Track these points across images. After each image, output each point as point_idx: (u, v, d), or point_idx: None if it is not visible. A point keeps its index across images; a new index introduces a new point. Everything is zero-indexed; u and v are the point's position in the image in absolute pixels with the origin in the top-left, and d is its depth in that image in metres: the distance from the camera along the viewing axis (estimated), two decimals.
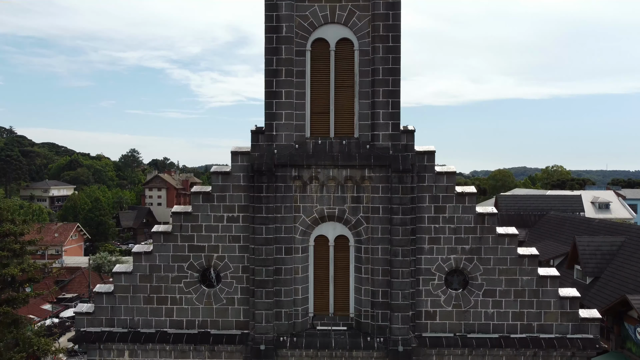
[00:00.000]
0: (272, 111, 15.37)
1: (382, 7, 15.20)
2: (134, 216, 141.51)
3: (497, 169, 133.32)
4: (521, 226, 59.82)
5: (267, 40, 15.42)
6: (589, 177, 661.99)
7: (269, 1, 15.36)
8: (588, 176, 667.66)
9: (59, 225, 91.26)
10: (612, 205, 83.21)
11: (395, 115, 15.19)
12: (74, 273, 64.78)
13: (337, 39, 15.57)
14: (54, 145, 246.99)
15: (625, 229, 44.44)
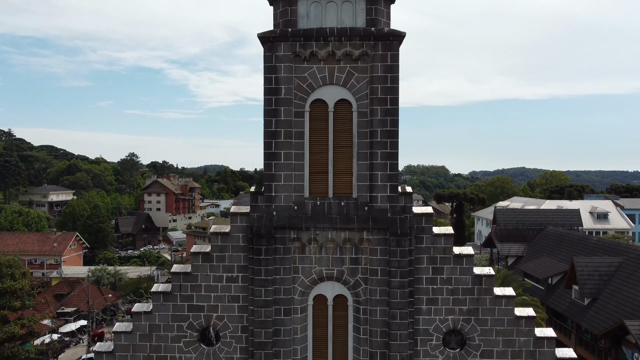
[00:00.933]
0: (271, 172, 15.48)
1: (381, 69, 15.32)
2: (132, 222, 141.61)
3: (497, 176, 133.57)
4: (519, 241, 60.15)
5: (266, 102, 15.53)
6: (587, 177, 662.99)
7: (268, 63, 15.47)
8: (587, 176, 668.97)
9: (58, 235, 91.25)
10: (610, 215, 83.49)
11: (393, 177, 15.31)
12: (73, 287, 64.72)
13: (336, 100, 15.68)
14: (52, 148, 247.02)
15: (623, 249, 44.62)
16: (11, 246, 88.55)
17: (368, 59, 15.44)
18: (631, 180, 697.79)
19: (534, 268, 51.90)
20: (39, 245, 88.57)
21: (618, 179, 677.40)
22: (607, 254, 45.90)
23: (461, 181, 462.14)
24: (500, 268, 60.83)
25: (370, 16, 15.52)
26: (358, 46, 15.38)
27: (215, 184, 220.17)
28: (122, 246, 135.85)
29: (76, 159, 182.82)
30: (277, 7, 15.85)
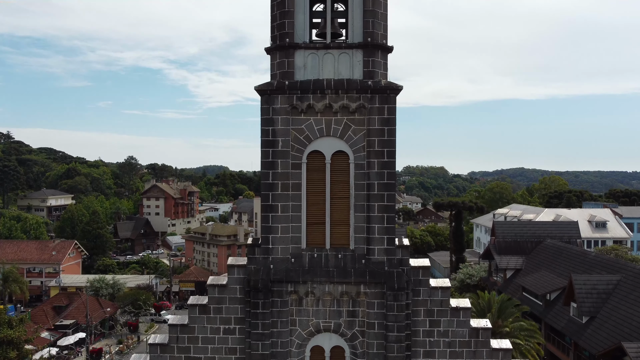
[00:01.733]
0: (268, 225, 15.49)
1: (377, 122, 15.32)
2: (131, 227, 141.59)
3: (495, 182, 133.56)
4: (518, 253, 60.22)
5: (263, 154, 15.53)
6: (586, 177, 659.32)
7: (265, 116, 15.47)
8: (586, 177, 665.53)
9: (57, 243, 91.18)
10: (609, 224, 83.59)
11: (391, 230, 15.32)
12: (71, 299, 64.68)
13: (333, 151, 15.68)
14: (51, 151, 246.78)
15: (621, 267, 44.68)
16: (10, 254, 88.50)
17: (365, 111, 15.45)
18: (630, 180, 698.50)
19: (533, 283, 51.95)
20: (37, 254, 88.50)
21: (617, 179, 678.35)
22: (605, 270, 45.98)
23: (460, 182, 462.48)
24: (499, 280, 60.98)
25: (367, 68, 15.52)
26: (355, 99, 15.38)
27: (214, 186, 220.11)
28: (121, 251, 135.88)
29: (75, 163, 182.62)
30: (275, 57, 15.85)
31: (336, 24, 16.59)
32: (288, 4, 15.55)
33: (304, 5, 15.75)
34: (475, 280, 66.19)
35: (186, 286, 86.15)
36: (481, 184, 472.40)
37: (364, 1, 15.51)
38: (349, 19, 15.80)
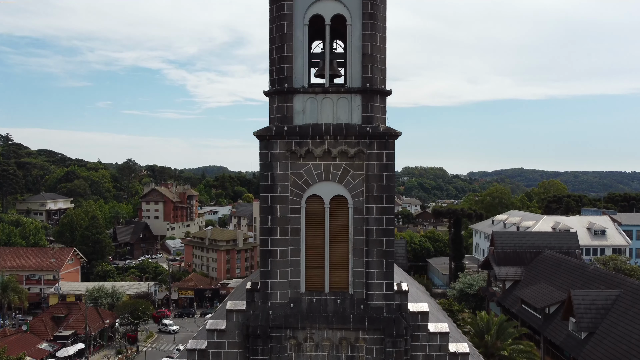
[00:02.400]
0: (267, 269, 15.49)
1: (376, 168, 15.34)
2: (130, 231, 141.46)
3: (494, 186, 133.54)
4: (517, 264, 60.29)
5: (262, 199, 15.55)
6: (585, 178, 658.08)
7: (264, 161, 15.48)
8: (585, 177, 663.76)
9: (56, 250, 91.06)
10: (607, 232, 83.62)
11: (389, 275, 15.34)
12: (70, 309, 64.64)
13: (332, 195, 15.70)
14: (50, 153, 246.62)
15: (620, 282, 44.71)
16: (9, 261, 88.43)
17: (364, 156, 15.47)
18: (629, 180, 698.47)
19: (532, 295, 51.99)
20: (36, 261, 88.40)
21: (616, 179, 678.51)
22: (604, 284, 46.04)
23: (459, 183, 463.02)
24: (498, 290, 61.01)
25: (366, 113, 15.54)
26: (354, 144, 15.40)
27: (213, 189, 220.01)
28: (120, 255, 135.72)
29: (74, 166, 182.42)
30: (273, 101, 15.86)
31: (335, 65, 16.66)
32: (287, 49, 15.56)
33: (303, 50, 15.76)
34: (475, 290, 66.26)
35: (185, 294, 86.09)
36: (480, 185, 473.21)
37: (362, 46, 15.53)
38: (347, 63, 15.83)
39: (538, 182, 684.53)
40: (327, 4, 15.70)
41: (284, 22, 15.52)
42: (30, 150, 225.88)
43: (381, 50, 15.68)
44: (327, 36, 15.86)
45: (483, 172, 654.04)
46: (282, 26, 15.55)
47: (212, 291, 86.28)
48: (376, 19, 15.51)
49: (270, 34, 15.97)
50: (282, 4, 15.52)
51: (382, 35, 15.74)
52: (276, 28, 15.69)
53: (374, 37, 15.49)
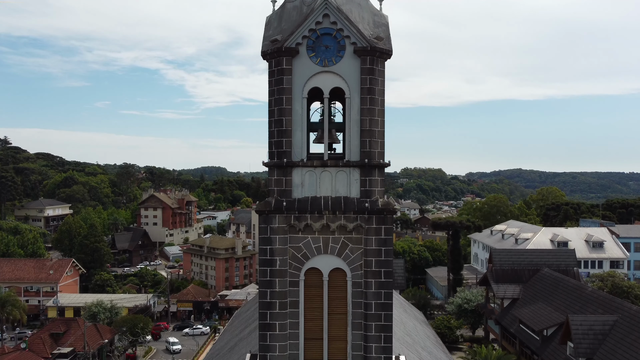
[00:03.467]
0: (266, 343, 15.54)
1: (375, 243, 15.40)
2: (129, 238, 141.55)
3: (493, 195, 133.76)
4: (515, 281, 60.43)
5: (261, 273, 15.59)
6: (584, 179, 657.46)
7: (263, 235, 15.51)
8: (583, 178, 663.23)
9: (54, 262, 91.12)
10: (605, 244, 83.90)
11: (387, 349, 15.40)
12: (69, 325, 64.65)
13: (330, 268, 15.75)
14: (48, 156, 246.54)
15: (618, 306, 44.80)
16: (7, 273, 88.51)
17: (362, 230, 15.53)
18: (627, 181, 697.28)
19: (530, 316, 52.13)
20: (35, 273, 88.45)
21: (614, 180, 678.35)
22: (601, 308, 46.16)
23: (458, 184, 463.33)
24: (496, 308, 61.15)
25: (364, 187, 15.60)
26: (352, 219, 15.46)
27: (212, 192, 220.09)
28: (119, 263, 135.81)
29: (73, 171, 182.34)
30: (272, 173, 15.91)
31: (334, 133, 16.72)
32: (286, 123, 15.63)
33: (302, 123, 15.82)
34: (473, 306, 66.41)
35: (184, 306, 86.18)
36: (479, 186, 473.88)
37: (361, 121, 15.60)
38: (346, 135, 15.89)
39: (536, 182, 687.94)
40: (326, 77, 15.76)
41: (283, 96, 15.57)
42: (28, 154, 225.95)
43: (379, 123, 15.74)
44: (326, 110, 15.94)
45: (482, 172, 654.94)
46: (280, 100, 15.61)
47: (211, 303, 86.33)
48: (374, 93, 15.57)
49: (269, 106, 16.02)
50: (281, 78, 15.57)
51: (381, 108, 15.80)
52: (275, 101, 15.74)
53: (372, 111, 15.55)
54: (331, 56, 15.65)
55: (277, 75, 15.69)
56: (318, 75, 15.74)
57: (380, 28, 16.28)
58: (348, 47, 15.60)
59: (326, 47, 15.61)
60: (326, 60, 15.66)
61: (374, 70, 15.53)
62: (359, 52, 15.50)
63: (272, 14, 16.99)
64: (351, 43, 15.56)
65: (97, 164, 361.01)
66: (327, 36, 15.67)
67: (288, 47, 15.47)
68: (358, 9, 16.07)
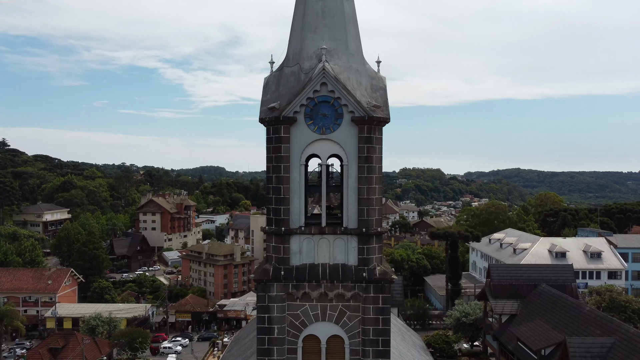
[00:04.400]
0: None
1: (372, 312, 15.46)
2: (127, 243, 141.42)
3: (491, 201, 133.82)
4: (513, 297, 60.53)
5: (259, 341, 15.62)
6: (582, 178, 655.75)
7: (261, 303, 15.55)
8: (582, 177, 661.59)
9: (52, 272, 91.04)
10: (604, 254, 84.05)
11: None
12: (67, 339, 64.60)
13: (328, 335, 15.81)
14: (47, 158, 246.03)
15: (615, 327, 44.90)
16: (6, 283, 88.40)
17: (360, 298, 15.56)
18: (625, 180, 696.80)
19: (528, 334, 52.25)
20: (33, 283, 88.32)
21: (612, 179, 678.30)
22: (599, 329, 46.26)
23: (456, 185, 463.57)
24: (495, 323, 61.30)
25: (362, 255, 15.63)
26: (350, 288, 15.51)
27: (210, 195, 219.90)
28: (118, 268, 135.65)
29: (71, 175, 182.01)
30: (270, 240, 15.95)
31: (332, 197, 16.74)
32: (284, 191, 15.64)
33: (300, 190, 15.85)
34: (471, 319, 66.52)
35: (182, 317, 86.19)
36: (477, 187, 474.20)
37: (359, 189, 15.63)
38: (344, 201, 15.92)
39: (535, 182, 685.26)
40: (323, 144, 15.79)
41: (281, 164, 15.59)
42: (27, 156, 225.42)
43: (377, 190, 15.77)
44: (324, 177, 15.94)
45: (480, 172, 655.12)
46: (278, 168, 15.63)
47: (209, 314, 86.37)
48: (372, 161, 15.60)
49: (267, 172, 16.04)
50: (279, 146, 15.59)
51: (379, 175, 15.83)
52: (273, 168, 15.76)
53: (370, 179, 15.57)
54: (329, 124, 15.68)
55: (274, 142, 15.71)
56: (316, 142, 15.77)
57: (377, 92, 16.31)
58: (346, 115, 15.63)
59: (324, 115, 15.62)
60: (324, 128, 15.69)
61: (371, 138, 15.56)
62: (357, 120, 15.52)
63: (269, 76, 17.00)
64: (349, 111, 15.59)
65: (96, 166, 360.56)
66: (325, 104, 15.69)
67: (286, 116, 15.48)
68: (356, 74, 16.08)
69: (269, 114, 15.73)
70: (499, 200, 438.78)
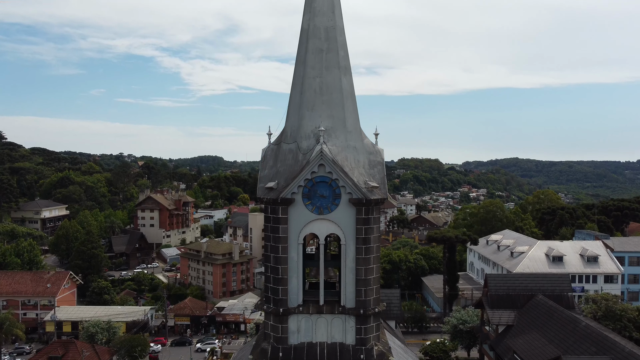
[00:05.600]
0: None
1: None
2: (126, 241, 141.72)
3: (489, 200, 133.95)
4: (510, 307, 60.89)
5: None
6: (580, 168, 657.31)
7: None
8: (579, 167, 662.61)
9: (51, 275, 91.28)
10: (600, 258, 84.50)
11: None
12: (67, 347, 64.99)
13: None
14: (44, 152, 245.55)
15: (610, 345, 45.30)
16: (5, 286, 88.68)
17: None
18: (623, 170, 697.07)
19: (524, 348, 52.67)
20: (32, 286, 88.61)
21: (610, 169, 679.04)
22: (594, 346, 46.66)
23: (455, 175, 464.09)
24: (491, 332, 61.78)
25: (360, 335, 15.72)
26: None
27: (209, 189, 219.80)
28: (116, 266, 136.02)
29: (68, 170, 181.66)
30: (269, 319, 16.02)
31: (330, 273, 16.78)
32: (282, 271, 15.68)
33: (298, 269, 15.90)
34: (468, 327, 67.03)
35: (181, 320, 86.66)
36: (475, 177, 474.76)
37: (356, 270, 15.66)
38: (342, 280, 15.97)
39: (533, 172, 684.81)
40: (321, 224, 15.79)
41: (279, 244, 15.61)
42: (24, 150, 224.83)
43: (374, 270, 15.81)
44: (322, 256, 15.96)
45: (478, 161, 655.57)
46: (276, 248, 15.65)
47: (208, 318, 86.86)
48: (370, 241, 15.62)
49: (264, 250, 16.06)
50: (277, 227, 15.59)
51: (376, 255, 15.87)
52: (271, 248, 15.77)
53: (368, 260, 15.61)
54: (327, 204, 15.68)
55: (272, 222, 15.72)
56: (314, 222, 15.78)
57: (375, 168, 16.29)
58: (343, 195, 15.62)
59: (322, 197, 15.61)
60: (322, 209, 15.68)
61: (369, 219, 15.57)
62: (355, 202, 15.51)
63: (267, 149, 16.98)
64: (347, 192, 15.56)
65: (93, 157, 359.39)
66: (323, 183, 15.67)
67: (284, 198, 15.46)
68: (354, 152, 16.04)
69: (267, 194, 15.71)
70: (496, 191, 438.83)
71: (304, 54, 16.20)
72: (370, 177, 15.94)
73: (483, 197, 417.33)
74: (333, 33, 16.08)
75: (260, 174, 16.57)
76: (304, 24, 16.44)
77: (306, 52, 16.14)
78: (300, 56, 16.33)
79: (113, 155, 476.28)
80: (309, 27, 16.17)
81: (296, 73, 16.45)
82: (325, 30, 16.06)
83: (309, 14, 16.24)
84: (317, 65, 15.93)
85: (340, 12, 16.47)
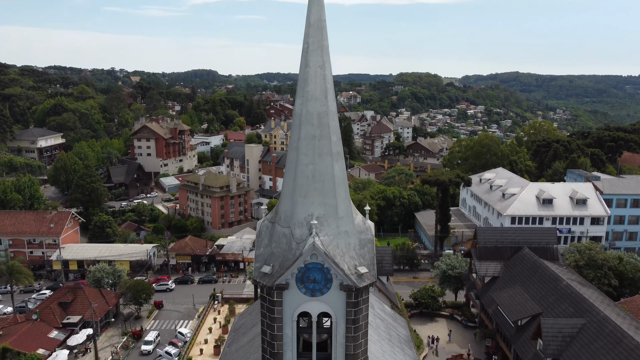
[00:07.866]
0: None
1: None
2: (124, 171, 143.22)
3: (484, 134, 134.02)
4: (497, 259, 64.02)
5: None
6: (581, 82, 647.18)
7: None
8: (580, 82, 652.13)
9: (54, 215, 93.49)
10: (589, 201, 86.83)
11: None
12: (76, 293, 68.51)
13: None
14: (33, 72, 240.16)
15: (588, 308, 48.28)
16: (9, 227, 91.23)
17: None
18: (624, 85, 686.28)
19: (507, 302, 55.93)
20: (36, 226, 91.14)
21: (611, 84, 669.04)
22: (572, 306, 49.71)
23: (453, 92, 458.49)
24: (478, 282, 65.17)
25: None
26: None
27: (204, 112, 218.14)
28: (116, 197, 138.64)
29: (60, 97, 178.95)
30: None
31: (323, 336, 18.05)
32: (277, 347, 16.91)
33: (292, 344, 17.10)
34: (456, 273, 70.47)
35: (183, 259, 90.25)
36: (474, 93, 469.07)
37: (346, 346, 16.89)
38: (333, 355, 17.22)
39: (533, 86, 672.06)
40: (314, 304, 16.79)
41: (274, 324, 16.71)
42: (13, 72, 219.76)
43: (363, 344, 17.06)
44: (314, 333, 17.12)
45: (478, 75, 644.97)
46: (272, 327, 16.77)
47: (208, 257, 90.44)
48: (359, 321, 16.73)
49: (261, 325, 17.19)
50: (273, 309, 16.61)
51: (365, 330, 17.03)
52: (267, 325, 16.90)
53: (357, 337, 16.81)
54: (319, 288, 16.58)
55: (268, 304, 16.71)
56: (307, 302, 16.77)
57: (365, 248, 17.05)
58: (335, 281, 16.49)
59: (314, 282, 16.49)
60: (314, 292, 16.62)
61: (358, 302, 16.56)
62: (345, 288, 16.43)
63: (263, 225, 17.58)
64: (337, 279, 16.43)
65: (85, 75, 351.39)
66: (316, 269, 16.48)
67: (279, 285, 16.35)
68: (345, 237, 16.68)
69: (263, 279, 16.55)
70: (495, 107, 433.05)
71: (297, 140, 16.34)
72: (360, 258, 16.72)
73: (480, 114, 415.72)
74: (326, 119, 16.12)
75: (255, 252, 17.31)
76: (297, 109, 16.41)
77: (299, 138, 16.27)
78: (294, 142, 16.47)
79: (105, 70, 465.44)
80: (301, 112, 16.18)
81: (289, 158, 16.68)
82: (318, 115, 16.08)
83: (302, 98, 16.17)
84: (309, 152, 16.13)
85: (333, 96, 16.39)
